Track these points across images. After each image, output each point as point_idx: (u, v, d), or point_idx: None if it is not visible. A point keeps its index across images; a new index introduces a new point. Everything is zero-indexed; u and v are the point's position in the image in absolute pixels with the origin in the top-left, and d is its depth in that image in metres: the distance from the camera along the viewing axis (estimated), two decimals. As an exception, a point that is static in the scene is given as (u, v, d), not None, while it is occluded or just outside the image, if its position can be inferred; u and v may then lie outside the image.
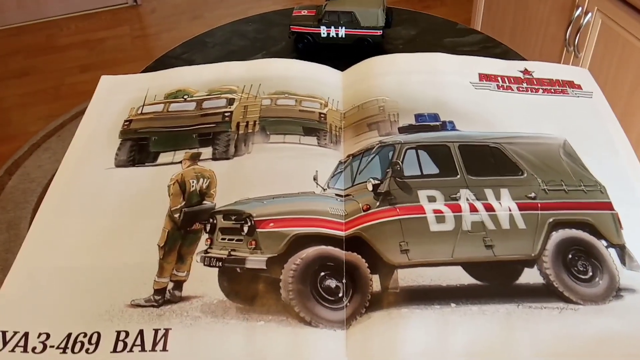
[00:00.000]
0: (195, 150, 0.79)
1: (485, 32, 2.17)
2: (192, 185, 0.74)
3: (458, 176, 0.74)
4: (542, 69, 0.91)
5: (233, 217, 0.70)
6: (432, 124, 0.81)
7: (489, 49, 0.95)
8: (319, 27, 0.94)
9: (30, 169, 2.45)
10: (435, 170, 0.74)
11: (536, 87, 0.88)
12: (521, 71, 0.90)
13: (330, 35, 0.95)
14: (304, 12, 0.96)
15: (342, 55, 0.96)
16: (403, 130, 0.80)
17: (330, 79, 0.91)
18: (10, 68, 2.90)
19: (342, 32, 0.94)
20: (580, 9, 1.60)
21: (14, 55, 2.99)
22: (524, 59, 0.93)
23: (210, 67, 0.93)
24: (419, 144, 0.77)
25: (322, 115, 0.84)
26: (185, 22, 3.19)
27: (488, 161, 0.76)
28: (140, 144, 0.81)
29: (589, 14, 1.57)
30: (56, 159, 2.49)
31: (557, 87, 0.88)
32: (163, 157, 0.79)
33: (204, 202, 0.73)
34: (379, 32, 0.94)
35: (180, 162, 0.78)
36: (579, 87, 0.89)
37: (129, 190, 0.75)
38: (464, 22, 2.83)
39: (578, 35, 1.62)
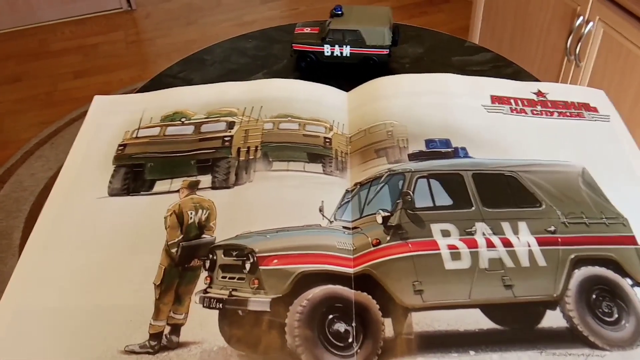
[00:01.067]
0: (193, 178, 0.75)
1: (484, 40, 2.15)
2: (191, 217, 0.70)
3: (473, 208, 0.70)
4: (555, 90, 0.87)
5: (234, 253, 0.66)
6: (443, 150, 0.77)
7: (499, 69, 0.91)
8: (323, 46, 0.90)
9: (23, 177, 2.41)
10: (449, 201, 0.70)
11: (551, 110, 0.84)
12: (534, 93, 0.86)
13: (335, 54, 0.91)
14: (307, 30, 0.92)
15: (346, 74, 0.92)
16: (413, 157, 0.76)
17: (335, 101, 0.86)
18: (3, 74, 2.85)
19: (347, 50, 0.90)
20: (581, 18, 1.57)
21: (6, 60, 2.94)
22: (536, 80, 0.89)
23: (209, 87, 0.89)
24: (430, 173, 0.72)
25: (327, 140, 0.80)
26: (179, 27, 3.15)
27: (504, 191, 0.71)
28: (135, 171, 0.77)
29: (590, 23, 1.55)
30: (49, 167, 2.44)
31: (573, 110, 0.84)
32: (159, 186, 0.75)
33: (203, 235, 0.68)
34: (386, 51, 0.89)
35: (178, 190, 0.73)
36: (595, 109, 0.85)
37: (123, 222, 0.71)
38: (462, 29, 2.79)
39: (579, 44, 1.58)
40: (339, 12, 0.89)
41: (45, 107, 2.70)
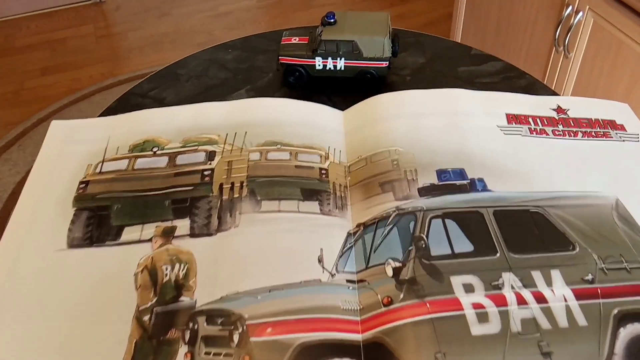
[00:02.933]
0: (168, 224, 0.64)
1: (467, 29, 2.05)
2: (166, 274, 0.59)
3: (498, 254, 0.59)
4: (576, 105, 0.77)
5: (219, 321, 0.55)
6: (458, 183, 0.66)
7: (511, 80, 0.81)
8: (314, 58, 0.79)
9: (-12, 182, 2.28)
10: (469, 247, 0.60)
11: (574, 129, 0.74)
12: (554, 109, 0.76)
13: (327, 68, 0.79)
14: (295, 39, 0.81)
15: (340, 88, 0.81)
16: (424, 192, 0.65)
17: (330, 122, 0.75)
18: (-35, 72, 2.71)
19: (340, 63, 0.79)
20: (570, 7, 1.50)
21: (-31, 58, 2.79)
22: (554, 93, 0.78)
23: (185, 109, 0.77)
24: (446, 212, 0.62)
25: (323, 172, 0.69)
26: (152, 19, 3.01)
27: (531, 232, 0.61)
28: (99, 215, 0.65)
29: (580, 13, 1.47)
30: (17, 171, 2.31)
31: (599, 130, 0.74)
32: (128, 233, 0.63)
33: (181, 298, 0.57)
34: (385, 64, 0.78)
35: (150, 239, 0.62)
36: (622, 127, 0.75)
37: (85, 282, 0.59)
38: (444, 18, 2.69)
39: (568, 35, 1.51)
40: (332, 20, 0.78)
41: (11, 106, 2.56)
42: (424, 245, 0.60)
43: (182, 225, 0.63)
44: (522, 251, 0.60)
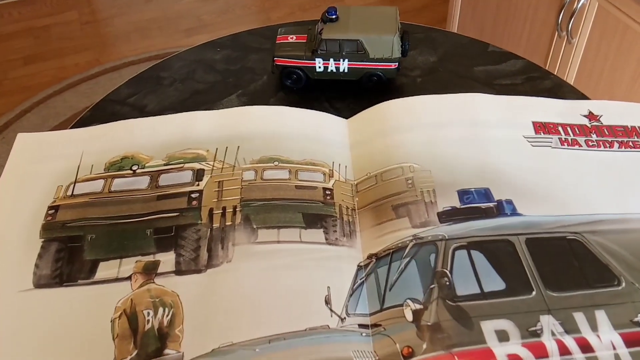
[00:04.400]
0: (150, 258, 0.55)
1: (465, 14, 1.96)
2: (148, 321, 0.50)
3: (534, 293, 0.51)
4: (609, 111, 0.69)
5: (211, 381, 0.47)
6: (483, 205, 0.58)
7: (534, 81, 0.72)
8: (314, 60, 0.70)
9: (-29, 176, 2.17)
10: (500, 284, 0.52)
11: (609, 139, 0.65)
12: (585, 115, 0.68)
13: (329, 70, 0.70)
14: (292, 38, 0.71)
15: (343, 92, 0.72)
16: (445, 217, 0.57)
17: (333, 133, 0.67)
18: (-56, 63, 2.60)
19: (344, 65, 0.70)
20: (573, -10, 1.41)
21: (-53, 48, 2.68)
22: (583, 97, 0.70)
23: (169, 119, 0.68)
24: (471, 241, 0.54)
25: (327, 193, 0.60)
26: (138, 4, 2.90)
27: (569, 264, 0.53)
28: (70, 247, 0.56)
29: None
30: (0, 164, 2.21)
31: (637, 139, 0.65)
32: (104, 269, 0.55)
33: (166, 350, 0.49)
34: (394, 65, 0.69)
35: (129, 277, 0.53)
36: (662, 135, 0.67)
37: (54, 329, 0.51)
38: (441, 3, 2.59)
39: (572, 19, 1.43)
40: (333, 17, 0.69)
41: (-7, 97, 2.46)
42: (447, 283, 0.51)
43: (167, 259, 0.55)
44: (561, 288, 0.52)
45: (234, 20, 2.68)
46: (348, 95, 0.72)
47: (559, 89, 0.72)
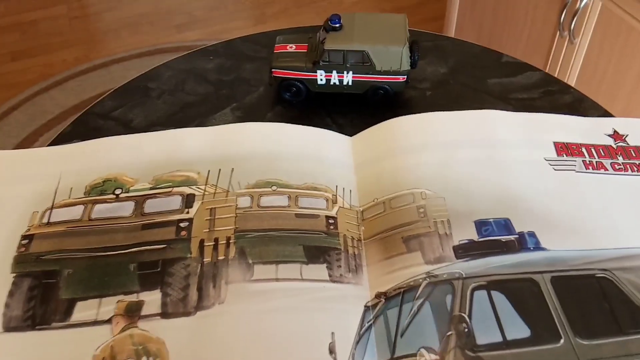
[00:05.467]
0: (133, 297, 0.49)
1: (463, 12, 1.92)
2: (130, 373, 0.44)
3: (562, 341, 0.46)
4: (635, 129, 0.63)
5: None
6: (503, 239, 0.52)
7: (554, 96, 0.67)
8: (315, 71, 0.64)
9: (-44, 175, 2.11)
10: (525, 331, 0.46)
11: (636, 162, 0.60)
12: (610, 135, 0.62)
13: (331, 83, 0.65)
14: (291, 47, 0.65)
15: (346, 105, 0.66)
16: (461, 251, 0.51)
17: (336, 153, 0.61)
18: None
19: (348, 78, 0.64)
20: (576, -10, 1.37)
21: None
22: (607, 114, 0.64)
23: (156, 137, 0.62)
24: (491, 280, 0.48)
25: (331, 222, 0.54)
26: (129, -1, 2.84)
27: (599, 306, 0.48)
28: (45, 284, 0.50)
29: None
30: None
31: (667, 161, 0.60)
32: (81, 310, 0.49)
33: (151, 408, 0.43)
34: (403, 78, 0.64)
35: (110, 319, 0.48)
36: (695, 157, 0.61)
37: (23, 384, 0.45)
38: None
39: (575, 19, 1.39)
40: (337, 25, 0.63)
41: (-21, 95, 2.39)
42: (466, 330, 0.46)
43: (152, 299, 0.49)
44: (592, 335, 0.46)
45: (226, 15, 2.62)
46: (352, 110, 0.66)
47: (580, 104, 0.66)
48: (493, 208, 0.55)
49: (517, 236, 0.52)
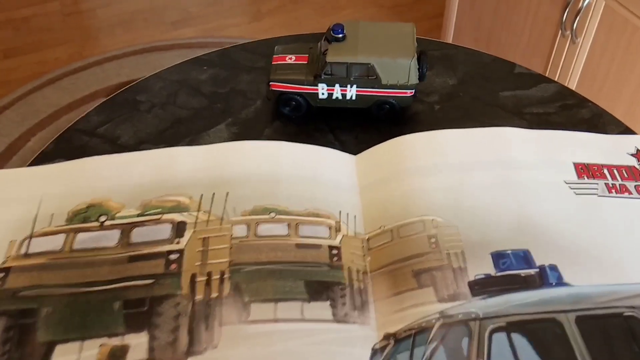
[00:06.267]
0: (117, 341, 0.44)
1: (463, 8, 1.89)
2: None
3: (589, 389, 0.41)
4: (659, 147, 0.59)
5: None
6: (523, 273, 0.48)
7: (571, 110, 0.62)
8: (316, 85, 0.59)
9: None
10: (548, 379, 0.42)
11: (663, 183, 0.55)
12: (633, 154, 0.58)
13: (334, 97, 0.60)
14: (290, 59, 0.61)
15: (349, 120, 0.62)
16: (478, 288, 0.47)
17: (340, 174, 0.56)
18: None
19: (351, 92, 0.59)
20: (579, -11, 1.34)
21: None
22: (628, 130, 0.60)
23: (145, 157, 0.57)
24: (511, 321, 0.44)
25: (334, 252, 0.50)
26: (124, -6, 2.79)
27: (628, 348, 0.44)
28: (21, 325, 0.46)
29: None
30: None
31: (695, 183, 0.56)
32: (61, 355, 0.44)
33: None
34: (410, 93, 0.59)
35: (93, 366, 0.43)
36: None
37: None
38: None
39: (577, 18, 1.36)
40: (340, 35, 0.58)
41: (-29, 93, 2.35)
42: (485, 378, 0.41)
43: (138, 343, 0.44)
44: (622, 382, 0.42)
45: (222, 12, 2.57)
46: (355, 124, 0.62)
47: (599, 120, 0.62)
48: (511, 237, 0.50)
49: (537, 270, 0.48)
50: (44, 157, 0.58)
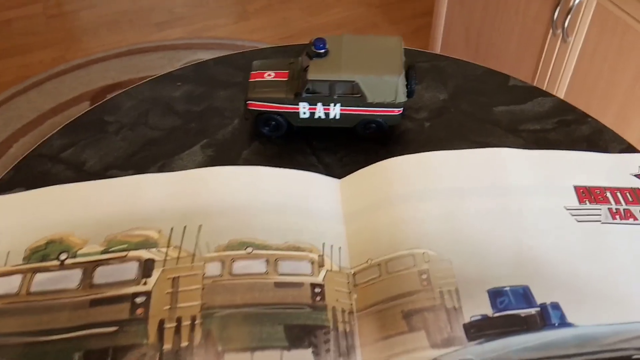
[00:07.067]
0: (78, 399, 0.40)
1: (453, 6, 1.86)
2: None
3: None
4: (665, 166, 0.55)
5: None
6: (523, 313, 0.44)
7: (570, 127, 0.58)
8: (297, 104, 0.55)
9: None
10: None
11: (670, 207, 0.51)
12: (636, 175, 0.54)
13: (316, 116, 0.56)
14: (269, 75, 0.56)
15: (332, 139, 0.57)
16: (474, 330, 0.43)
17: (323, 201, 0.52)
18: None
19: (335, 111, 0.55)
20: (570, -13, 1.32)
21: None
22: (631, 148, 0.56)
23: (110, 185, 0.53)
24: (510, 370, 0.40)
25: (317, 291, 0.45)
26: (108, -5, 2.74)
27: (640, 398, 0.39)
28: (-30, 381, 0.41)
29: None
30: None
31: None
32: (14, 416, 0.40)
33: None
34: (398, 111, 0.55)
35: None
36: None
37: None
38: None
39: (569, 16, 1.33)
40: (322, 51, 0.54)
41: (-48, 98, 2.29)
42: None
43: (100, 400, 0.40)
44: None
45: (208, 13, 2.53)
46: (339, 144, 0.57)
47: (599, 137, 0.58)
48: (509, 272, 0.46)
49: (538, 309, 0.44)
50: (2, 187, 0.53)
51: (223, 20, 2.51)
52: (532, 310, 0.44)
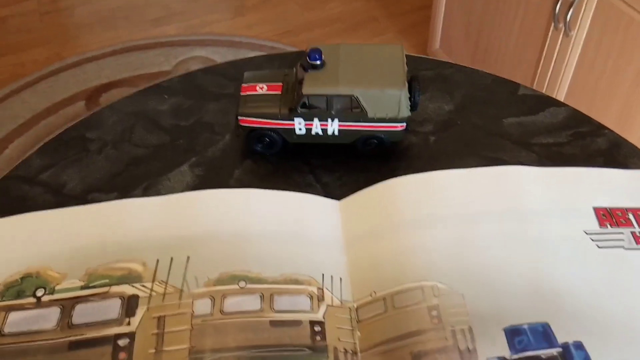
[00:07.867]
0: None
1: (452, 0, 1.82)
2: None
3: None
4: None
5: None
6: (544, 354, 0.40)
7: (585, 139, 0.54)
8: (292, 120, 0.50)
9: None
10: None
11: (698, 229, 0.47)
12: (661, 192, 0.49)
13: (313, 132, 0.51)
14: (262, 89, 0.52)
15: (331, 156, 0.53)
16: (489, 375, 0.39)
17: (322, 226, 0.48)
18: None
19: (333, 126, 0.51)
20: (572, -21, 1.30)
21: None
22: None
23: (91, 212, 0.49)
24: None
25: (317, 330, 0.41)
26: (102, -8, 2.70)
27: None
28: None
29: None
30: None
31: None
32: None
33: None
34: (401, 127, 0.51)
35: None
36: None
37: None
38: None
39: (571, 10, 1.31)
40: (318, 62, 0.49)
41: (-55, 97, 2.26)
42: None
43: None
44: None
45: (204, 8, 2.49)
46: (338, 162, 0.53)
47: (618, 151, 0.54)
48: (526, 306, 0.42)
49: (560, 349, 0.40)
50: (-25, 212, 0.49)
51: (220, 16, 2.47)
52: (554, 351, 0.40)
